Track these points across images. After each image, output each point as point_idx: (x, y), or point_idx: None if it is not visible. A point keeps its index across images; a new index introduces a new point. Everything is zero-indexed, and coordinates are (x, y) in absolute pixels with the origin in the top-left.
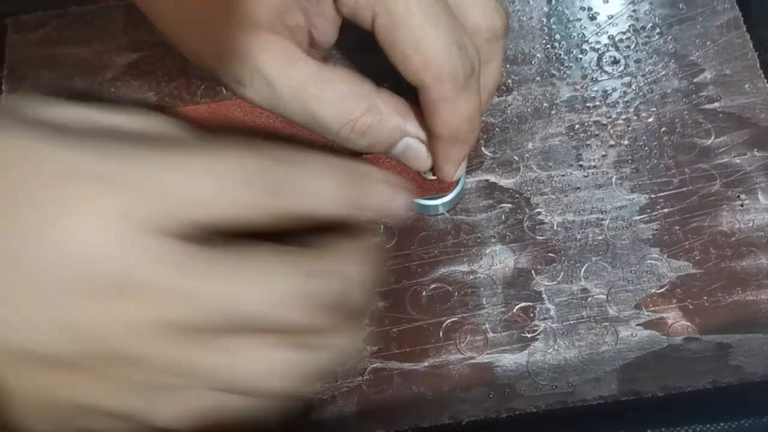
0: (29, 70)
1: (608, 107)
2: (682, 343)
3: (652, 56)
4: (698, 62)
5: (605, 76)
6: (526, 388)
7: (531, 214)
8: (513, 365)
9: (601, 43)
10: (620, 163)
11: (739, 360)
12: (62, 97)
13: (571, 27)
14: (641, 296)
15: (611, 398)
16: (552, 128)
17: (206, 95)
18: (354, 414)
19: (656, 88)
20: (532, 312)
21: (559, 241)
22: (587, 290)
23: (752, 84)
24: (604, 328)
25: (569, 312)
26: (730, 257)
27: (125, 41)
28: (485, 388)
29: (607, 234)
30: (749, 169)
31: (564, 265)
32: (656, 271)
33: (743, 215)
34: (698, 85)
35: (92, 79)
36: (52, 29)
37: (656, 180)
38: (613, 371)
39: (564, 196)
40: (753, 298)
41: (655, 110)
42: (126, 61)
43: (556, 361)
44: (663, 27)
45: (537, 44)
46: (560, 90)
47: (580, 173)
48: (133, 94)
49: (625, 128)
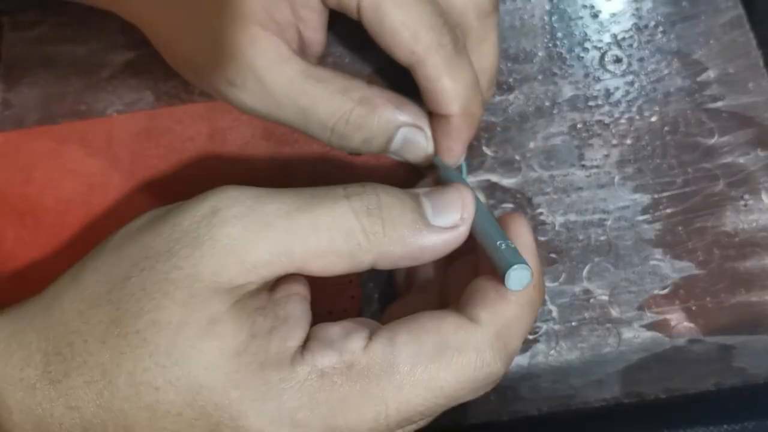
0: (26, 68)
1: (611, 106)
2: (685, 344)
3: (655, 55)
4: (701, 61)
5: (608, 74)
6: (528, 390)
7: (533, 214)
8: (514, 367)
9: (603, 41)
10: (623, 163)
11: (743, 361)
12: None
13: (573, 25)
14: (644, 297)
15: (614, 400)
16: (554, 127)
17: (203, 94)
18: None
19: (659, 86)
20: None
21: (561, 241)
22: (590, 291)
23: (756, 83)
24: (606, 330)
25: (571, 313)
26: (733, 258)
27: (122, 39)
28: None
29: (610, 234)
30: (753, 168)
31: (566, 266)
32: (659, 272)
33: (747, 215)
34: (701, 84)
35: (89, 77)
36: (49, 27)
37: (659, 180)
38: (616, 373)
39: (566, 196)
40: (757, 299)
41: (658, 109)
42: (123, 60)
43: (558, 363)
44: (666, 25)
45: (539, 42)
46: (562, 89)
47: (582, 173)
48: (131, 92)
49: (628, 127)
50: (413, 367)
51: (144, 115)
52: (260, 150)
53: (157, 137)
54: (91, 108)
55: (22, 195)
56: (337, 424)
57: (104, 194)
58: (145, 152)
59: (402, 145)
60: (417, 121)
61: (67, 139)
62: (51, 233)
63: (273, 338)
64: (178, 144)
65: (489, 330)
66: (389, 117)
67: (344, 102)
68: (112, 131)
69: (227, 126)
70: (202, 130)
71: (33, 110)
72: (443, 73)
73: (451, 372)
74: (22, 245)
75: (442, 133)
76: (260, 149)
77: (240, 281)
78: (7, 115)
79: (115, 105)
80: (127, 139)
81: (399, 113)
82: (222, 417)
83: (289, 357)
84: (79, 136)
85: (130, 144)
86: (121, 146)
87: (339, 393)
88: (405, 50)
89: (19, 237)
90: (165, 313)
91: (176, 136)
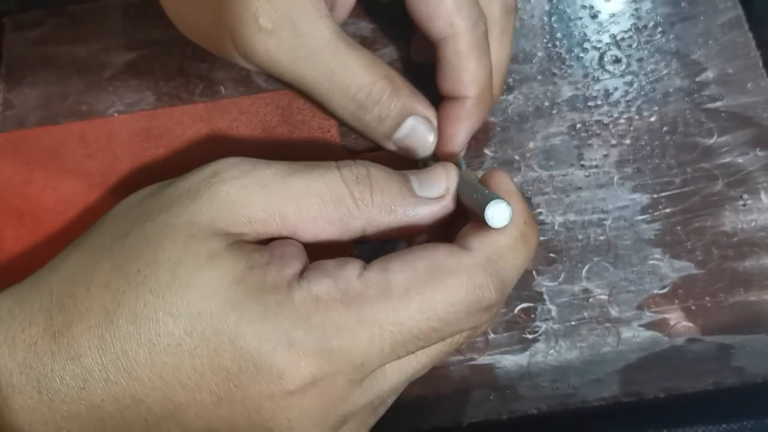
0: (27, 68)
1: (610, 106)
2: (684, 344)
3: (654, 55)
4: (700, 61)
5: (607, 75)
6: (527, 390)
7: (532, 214)
8: (514, 366)
9: (602, 41)
10: (622, 163)
11: (742, 361)
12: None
13: (573, 25)
14: (643, 297)
15: (613, 400)
16: (553, 127)
17: (205, 94)
18: None
19: (658, 87)
20: (533, 313)
21: (560, 241)
22: (589, 291)
23: (754, 83)
24: (605, 329)
25: (571, 313)
26: (732, 258)
27: (123, 40)
28: (486, 390)
29: (609, 234)
30: (751, 168)
31: (565, 266)
32: (658, 272)
33: (745, 215)
34: (700, 84)
35: (90, 77)
36: (50, 28)
37: (658, 180)
38: (615, 372)
39: (565, 195)
40: (755, 298)
41: (657, 109)
42: (124, 60)
43: (558, 362)
44: (665, 25)
45: (538, 43)
46: (562, 89)
47: (581, 173)
48: (132, 93)
49: (627, 128)
50: (406, 290)
51: (144, 116)
52: (259, 150)
53: (158, 138)
54: (91, 108)
55: (22, 195)
56: (331, 346)
57: (104, 194)
58: (145, 152)
59: (408, 133)
60: (429, 114)
61: (68, 139)
62: (51, 233)
63: (270, 269)
64: (178, 144)
65: (481, 255)
66: (406, 102)
67: (372, 73)
68: (112, 131)
69: (227, 127)
70: (202, 131)
71: (34, 110)
72: (472, 53)
73: (443, 293)
74: (22, 245)
75: (452, 117)
76: (259, 149)
77: (236, 230)
78: (8, 115)
79: (116, 105)
80: (127, 139)
81: (416, 101)
82: (220, 341)
83: (286, 283)
84: (79, 136)
85: (130, 144)
86: (122, 146)
87: (334, 317)
88: (444, 21)
89: (19, 237)
90: (165, 252)
91: (176, 136)
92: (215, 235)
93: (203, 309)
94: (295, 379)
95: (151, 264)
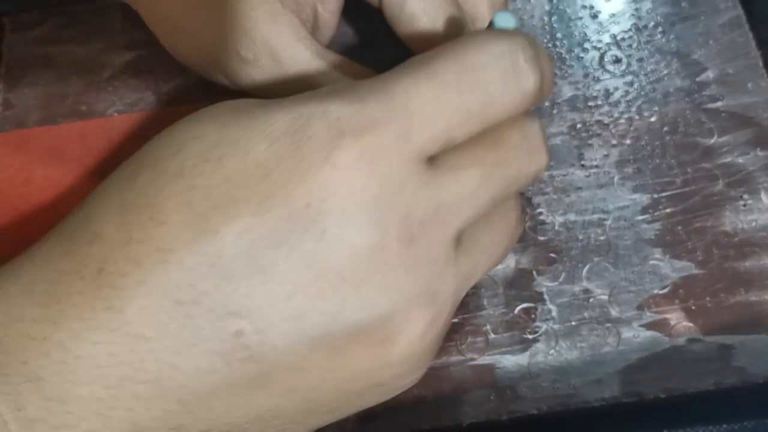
0: (26, 68)
1: (610, 106)
2: (684, 344)
3: (655, 55)
4: (701, 61)
5: (607, 75)
6: (528, 390)
7: (532, 214)
8: (514, 367)
9: (602, 41)
10: (622, 163)
11: (743, 361)
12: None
13: (573, 25)
14: (643, 297)
15: (613, 400)
16: (553, 127)
17: (204, 94)
18: (353, 417)
19: (658, 87)
20: (533, 313)
21: (560, 241)
22: (589, 291)
23: (755, 83)
24: (606, 329)
25: (571, 313)
26: (733, 258)
27: (123, 40)
28: (486, 390)
29: (609, 234)
30: (752, 168)
31: (566, 266)
32: (659, 272)
33: (746, 215)
34: (701, 84)
35: (90, 77)
36: (50, 28)
37: (658, 180)
38: (615, 372)
39: (566, 195)
40: (756, 298)
41: (657, 109)
42: (124, 60)
43: (558, 362)
44: (665, 25)
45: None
46: (562, 89)
47: (581, 173)
48: (131, 93)
49: (628, 128)
50: (435, 51)
51: (144, 116)
52: None
53: None
54: (91, 108)
55: (22, 195)
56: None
57: None
58: None
59: None
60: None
61: (68, 139)
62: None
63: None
64: None
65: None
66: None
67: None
68: (112, 131)
69: None
70: None
71: (33, 110)
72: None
73: (474, 50)
74: (22, 245)
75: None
76: None
77: None
78: (8, 115)
79: (116, 105)
80: (127, 139)
81: None
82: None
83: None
84: (79, 136)
85: (130, 144)
86: (122, 147)
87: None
88: (422, 40)
89: (19, 237)
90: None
91: None
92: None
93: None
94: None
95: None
